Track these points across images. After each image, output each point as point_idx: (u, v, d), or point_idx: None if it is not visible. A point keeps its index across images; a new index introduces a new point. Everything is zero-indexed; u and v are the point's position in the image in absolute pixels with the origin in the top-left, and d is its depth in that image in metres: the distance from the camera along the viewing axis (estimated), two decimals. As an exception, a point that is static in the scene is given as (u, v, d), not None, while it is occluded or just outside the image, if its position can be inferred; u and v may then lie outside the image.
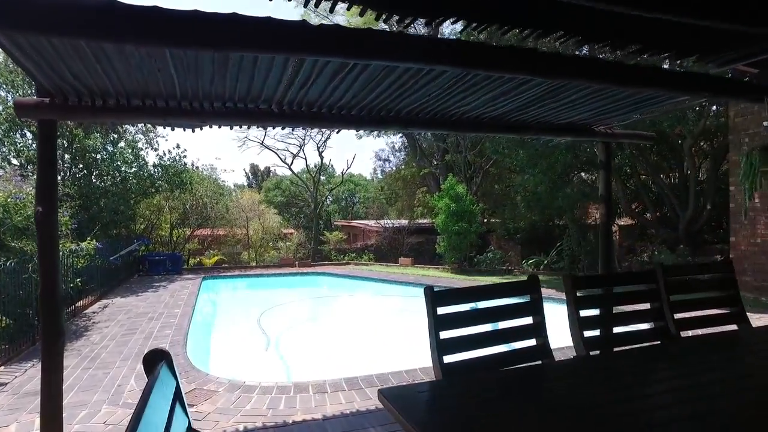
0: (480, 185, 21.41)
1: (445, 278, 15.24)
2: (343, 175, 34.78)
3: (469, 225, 16.62)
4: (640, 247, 16.27)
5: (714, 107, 12.79)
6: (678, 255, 12.55)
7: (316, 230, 30.33)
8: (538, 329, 3.16)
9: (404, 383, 4.89)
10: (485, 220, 20.61)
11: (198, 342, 7.75)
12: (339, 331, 10.05)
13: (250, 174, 50.81)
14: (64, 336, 4.30)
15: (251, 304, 13.28)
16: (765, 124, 10.68)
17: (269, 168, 51.31)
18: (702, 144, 13.61)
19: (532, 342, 3.16)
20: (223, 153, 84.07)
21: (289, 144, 32.39)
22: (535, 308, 3.18)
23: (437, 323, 2.87)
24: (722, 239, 14.66)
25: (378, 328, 10.28)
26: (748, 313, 8.03)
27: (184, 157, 18.23)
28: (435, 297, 2.89)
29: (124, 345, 7.06)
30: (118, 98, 3.70)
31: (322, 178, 47.22)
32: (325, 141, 30.70)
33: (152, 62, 2.99)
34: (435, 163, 24.39)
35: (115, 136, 15.69)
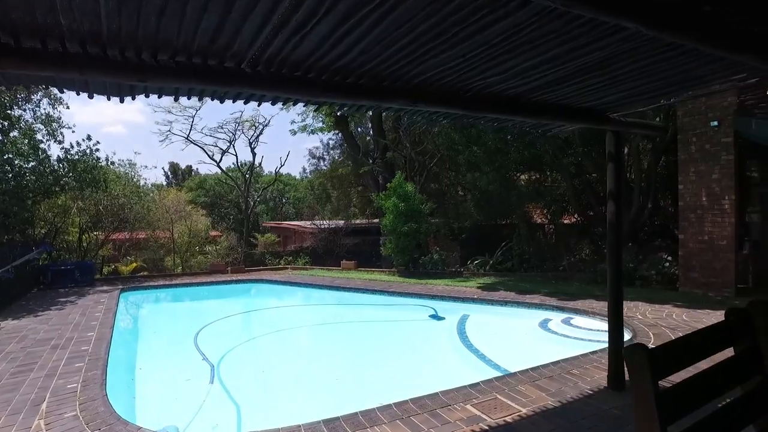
0: (424, 184, 20.76)
1: (395, 282, 14.34)
2: (277, 173, 32.98)
3: (418, 225, 15.85)
4: (582, 245, 16.34)
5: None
6: (626, 253, 12.50)
7: (247, 232, 28.41)
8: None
9: None
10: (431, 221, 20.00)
11: (121, 378, 6.21)
12: (295, 351, 8.76)
13: (169, 173, 47.19)
14: None
15: (185, 321, 11.57)
16: (712, 124, 10.84)
17: (191, 166, 48.04)
18: (646, 143, 13.71)
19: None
20: (142, 149, 78.26)
21: (219, 139, 30.09)
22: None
23: (665, 410, 1.49)
24: (666, 237, 14.98)
25: (340, 344, 9.13)
26: (697, 310, 7.38)
27: (97, 150, 15.89)
28: (656, 363, 1.54)
29: (14, 390, 5.36)
30: None
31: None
32: (257, 136, 28.91)
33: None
34: (373, 161, 23.49)
35: (5, 123, 13.09)
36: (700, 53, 3.01)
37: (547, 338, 7.99)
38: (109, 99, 3.08)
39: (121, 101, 3.16)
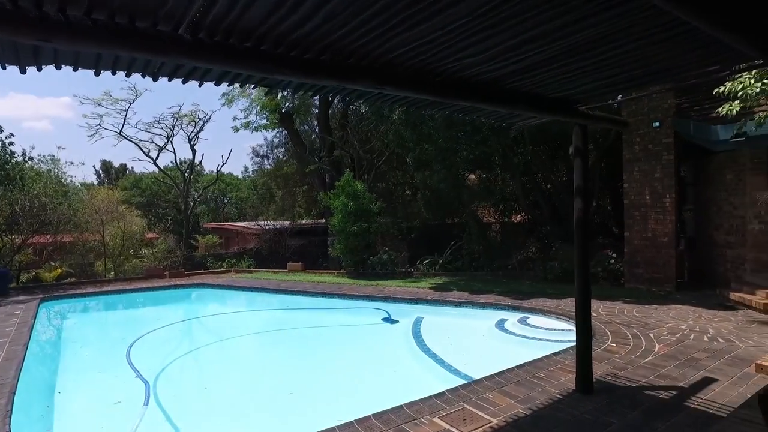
0: (372, 183, 20.40)
1: (345, 284, 13.87)
2: (218, 171, 31.54)
3: (367, 225, 15.45)
4: (529, 243, 16.57)
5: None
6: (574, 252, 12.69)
7: (187, 234, 26.96)
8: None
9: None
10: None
11: (35, 406, 5.37)
12: (241, 362, 8.07)
13: (101, 171, 44.19)
14: None
15: (116, 332, 10.48)
16: (654, 124, 11.18)
17: (125, 165, 45.23)
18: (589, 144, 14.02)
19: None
20: (71, 146, 73.02)
21: (155, 134, 28.31)
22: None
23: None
24: (606, 235, 15.44)
25: (290, 353, 8.54)
26: (644, 306, 7.44)
27: (11, 144, 14.34)
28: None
29: None
30: None
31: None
32: (197, 133, 27.47)
33: None
34: (320, 159, 22.88)
35: None
36: (693, 36, 2.81)
37: (505, 339, 7.83)
38: (4, 68, 2.44)
39: (22, 71, 2.52)
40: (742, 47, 2.71)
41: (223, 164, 36.82)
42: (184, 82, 3.00)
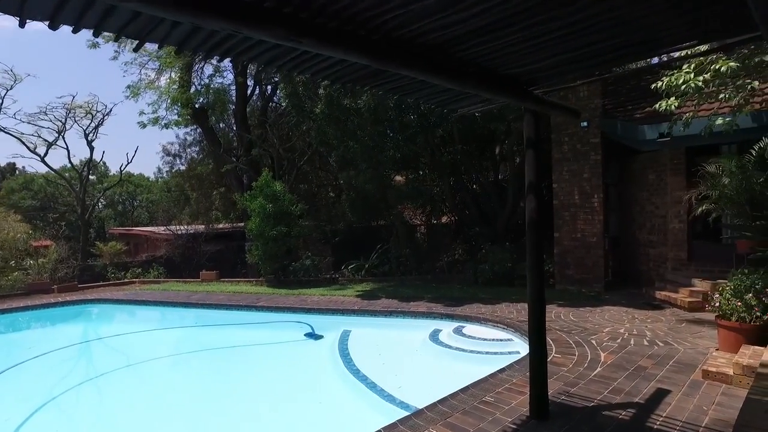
0: (293, 184, 19.21)
1: (264, 294, 12.66)
2: (121, 171, 28.59)
3: (288, 229, 14.30)
4: (456, 245, 16.25)
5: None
6: (503, 253, 12.42)
7: (85, 241, 24.12)
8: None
9: None
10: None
11: None
12: (138, 397, 6.58)
13: (-21, 171, 38.97)
14: None
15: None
16: (582, 124, 11.12)
17: (13, 164, 40.22)
18: (518, 143, 13.86)
19: None
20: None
21: (42, 128, 24.89)
22: None
23: None
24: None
25: (200, 381, 7.25)
26: (579, 309, 7.00)
27: None
28: None
29: None
30: None
31: (92, 176, 39.09)
32: (96, 127, 24.63)
33: None
34: (237, 159, 21.28)
35: None
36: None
37: (442, 354, 7.13)
38: None
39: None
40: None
41: (128, 163, 33.59)
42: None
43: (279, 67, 3.09)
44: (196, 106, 21.06)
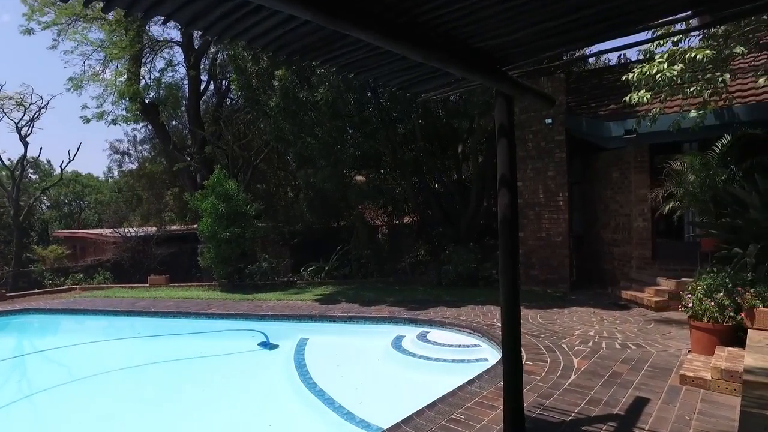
0: (250, 183, 18.34)
1: (216, 300, 11.84)
2: (62, 170, 26.75)
3: (242, 230, 13.50)
4: (418, 246, 15.85)
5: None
6: (467, 254, 12.06)
7: (20, 246, 22.38)
8: None
9: None
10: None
11: None
12: (71, 422, 5.79)
13: None
14: None
15: None
16: (546, 121, 10.91)
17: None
18: (483, 141, 13.54)
19: None
20: None
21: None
22: None
23: None
24: (493, 236, 15.14)
25: (142, 402, 6.38)
26: (547, 311, 6.65)
27: None
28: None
29: None
30: None
31: (34, 176, 36.60)
32: (31, 121, 22.86)
33: None
34: (190, 157, 20.19)
35: None
36: None
37: (406, 363, 6.62)
38: None
39: None
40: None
41: (70, 161, 31.55)
42: None
43: (206, 29, 2.50)
44: (147, 101, 19.86)
